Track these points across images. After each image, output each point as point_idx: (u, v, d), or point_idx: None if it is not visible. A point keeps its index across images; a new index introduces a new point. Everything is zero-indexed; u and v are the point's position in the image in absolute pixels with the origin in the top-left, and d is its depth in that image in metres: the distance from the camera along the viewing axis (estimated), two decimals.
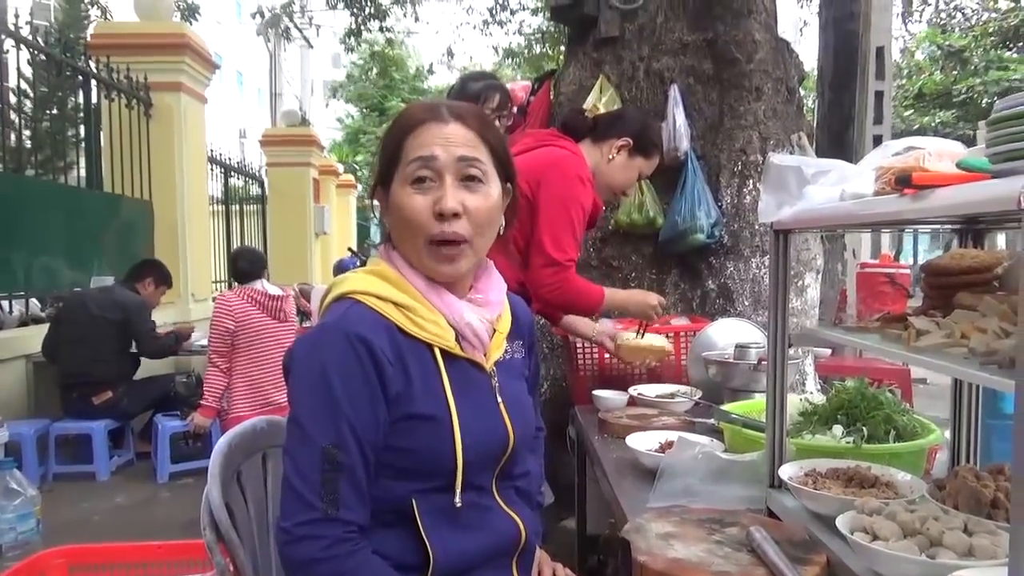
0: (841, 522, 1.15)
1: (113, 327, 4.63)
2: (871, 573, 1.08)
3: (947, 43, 15.62)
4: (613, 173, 2.42)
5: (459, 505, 1.13)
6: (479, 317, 1.21)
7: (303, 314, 6.67)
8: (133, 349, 4.83)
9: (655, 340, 2.47)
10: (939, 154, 1.11)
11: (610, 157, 2.40)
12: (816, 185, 1.31)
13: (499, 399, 1.22)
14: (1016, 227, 0.76)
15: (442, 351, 1.17)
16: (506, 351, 1.28)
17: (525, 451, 1.29)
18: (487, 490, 1.21)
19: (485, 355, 1.23)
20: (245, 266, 4.35)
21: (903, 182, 0.97)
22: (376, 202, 1.25)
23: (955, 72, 15.87)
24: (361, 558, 1.08)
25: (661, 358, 2.52)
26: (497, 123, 3.04)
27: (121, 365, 4.73)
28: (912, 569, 1.01)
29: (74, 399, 4.64)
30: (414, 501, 1.13)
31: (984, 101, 14.84)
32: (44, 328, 5.25)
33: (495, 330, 1.25)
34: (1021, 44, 15.52)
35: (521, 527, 1.22)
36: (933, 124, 16.00)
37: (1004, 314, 1.04)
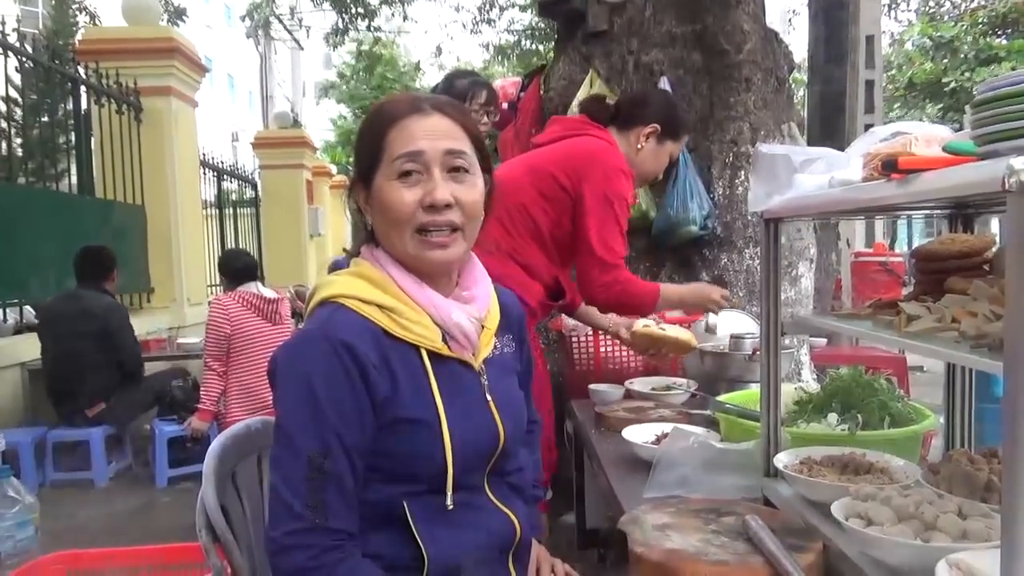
0: (836, 508, 1.15)
1: (92, 339, 4.48)
2: (867, 558, 1.08)
3: (938, 35, 15.60)
4: (644, 161, 2.35)
5: (451, 507, 1.13)
6: (468, 316, 1.19)
7: (299, 315, 6.66)
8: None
9: (675, 332, 2.36)
10: (926, 139, 1.12)
11: (639, 146, 2.32)
12: (805, 173, 1.31)
13: (488, 397, 1.21)
14: (1004, 210, 0.76)
15: (429, 352, 1.16)
16: (495, 347, 1.27)
17: (517, 447, 1.28)
18: (479, 488, 1.20)
19: (473, 354, 1.21)
20: (234, 269, 4.33)
21: (889, 167, 0.97)
22: (354, 201, 1.23)
23: (945, 61, 15.87)
24: (351, 565, 1.07)
25: (682, 351, 2.41)
26: (485, 119, 3.02)
27: (110, 375, 4.59)
28: (907, 553, 1.01)
29: (67, 412, 4.58)
30: (405, 503, 1.12)
31: (975, 91, 14.81)
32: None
33: (483, 327, 1.23)
34: (1010, 31, 15.52)
35: (515, 522, 1.22)
36: (925, 116, 15.99)
37: (994, 297, 1.04)
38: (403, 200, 1.14)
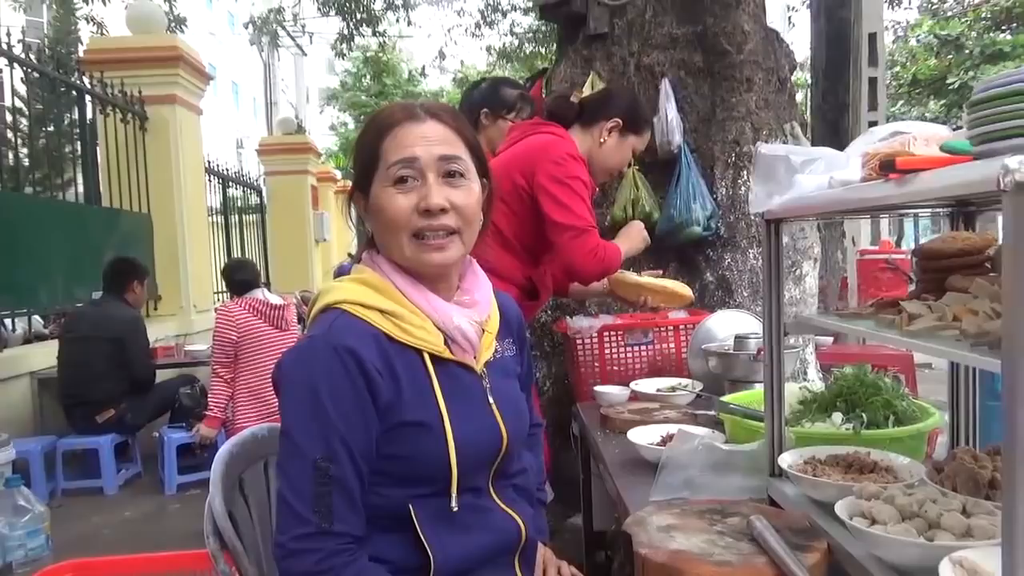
0: (840, 508, 1.15)
1: (108, 346, 4.56)
2: (871, 557, 1.08)
3: (944, 32, 15.55)
4: (607, 156, 2.40)
5: (455, 509, 1.13)
6: (468, 320, 1.21)
7: (305, 321, 6.69)
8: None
9: (666, 282, 2.54)
10: (925, 138, 1.12)
11: (602, 140, 2.38)
12: (805, 174, 1.32)
13: (491, 400, 1.22)
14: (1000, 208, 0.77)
15: (431, 356, 1.17)
16: (496, 350, 1.28)
17: (520, 449, 1.29)
18: (484, 491, 1.21)
19: (475, 357, 1.22)
20: (240, 278, 4.36)
21: (887, 167, 0.98)
22: (354, 208, 1.25)
23: (950, 57, 15.81)
24: (358, 568, 1.08)
25: (675, 303, 2.54)
26: None
27: (120, 382, 4.65)
28: (910, 552, 1.01)
29: (78, 418, 4.63)
30: (411, 506, 1.13)
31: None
32: (48, 345, 5.27)
33: (484, 330, 1.24)
34: (1015, 25, 15.45)
35: (521, 525, 1.22)
36: (927, 116, 15.96)
37: (995, 295, 1.04)
38: (399, 206, 1.15)
